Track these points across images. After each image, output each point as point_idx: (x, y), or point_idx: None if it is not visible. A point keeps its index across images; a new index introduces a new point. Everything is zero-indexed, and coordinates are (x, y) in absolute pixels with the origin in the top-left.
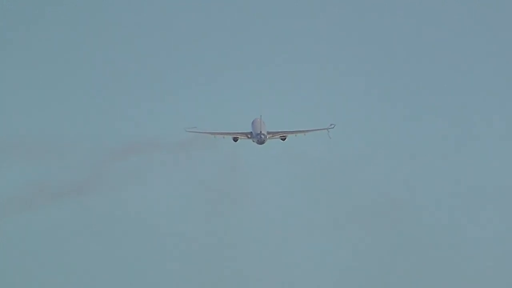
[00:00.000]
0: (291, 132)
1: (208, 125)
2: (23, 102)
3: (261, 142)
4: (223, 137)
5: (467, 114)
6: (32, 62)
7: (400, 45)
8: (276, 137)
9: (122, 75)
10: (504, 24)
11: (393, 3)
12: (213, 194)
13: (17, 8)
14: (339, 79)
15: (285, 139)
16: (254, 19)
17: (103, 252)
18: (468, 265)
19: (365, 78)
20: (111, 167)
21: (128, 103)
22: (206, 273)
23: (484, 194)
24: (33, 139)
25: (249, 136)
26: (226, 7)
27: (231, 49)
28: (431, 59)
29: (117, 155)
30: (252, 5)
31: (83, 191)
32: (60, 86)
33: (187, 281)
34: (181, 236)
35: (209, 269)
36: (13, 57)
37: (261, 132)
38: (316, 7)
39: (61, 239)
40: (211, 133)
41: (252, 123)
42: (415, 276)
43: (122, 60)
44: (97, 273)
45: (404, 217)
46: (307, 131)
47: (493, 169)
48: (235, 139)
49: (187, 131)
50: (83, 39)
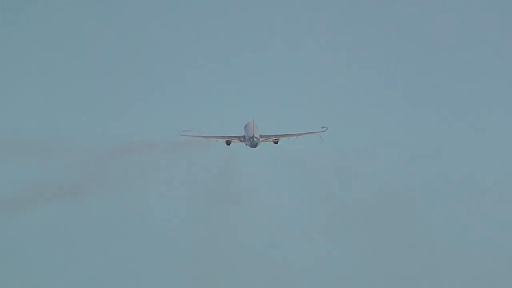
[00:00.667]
0: (283, 136)
1: (201, 128)
2: (21, 102)
3: (254, 146)
4: (216, 141)
5: (466, 113)
6: (30, 62)
7: (394, 49)
8: (269, 140)
9: (116, 77)
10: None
11: (386, 7)
12: (207, 196)
13: (14, 8)
14: (331, 82)
15: (277, 142)
16: (248, 23)
17: (99, 253)
18: (470, 263)
19: (358, 81)
20: (106, 169)
21: (122, 105)
22: (202, 275)
23: (485, 191)
24: (30, 139)
25: (242, 139)
26: (220, 11)
27: (224, 53)
28: (426, 61)
29: (110, 157)
30: (246, 10)
31: (78, 192)
32: (57, 87)
33: (184, 282)
34: (176, 237)
35: (205, 270)
36: (11, 57)
37: (254, 135)
38: (310, 12)
39: (57, 240)
40: (204, 136)
41: (245, 126)
42: (413, 278)
43: (118, 62)
44: (94, 274)
45: (400, 218)
46: (300, 134)
47: (495, 166)
48: (228, 143)
49: (180, 135)
50: (81, 40)
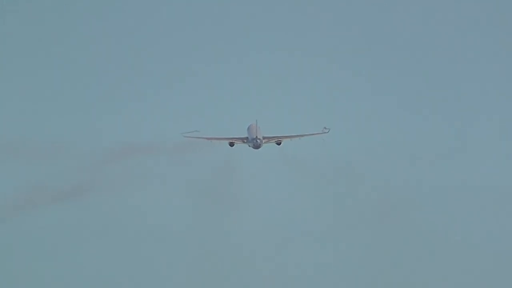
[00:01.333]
0: (286, 137)
1: (205, 130)
2: (19, 105)
3: (257, 147)
4: (219, 142)
5: (467, 114)
6: (29, 64)
7: (397, 50)
8: (272, 141)
9: (119, 78)
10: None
11: (390, 7)
12: (210, 198)
13: (13, 9)
14: (334, 83)
15: (280, 143)
16: (250, 25)
17: (99, 255)
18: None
19: (361, 83)
20: (108, 171)
21: (124, 107)
22: (204, 276)
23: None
24: (29, 141)
25: (245, 141)
26: (223, 12)
27: (227, 55)
28: (429, 62)
29: (113, 159)
30: (249, 11)
31: (79, 194)
32: (56, 89)
33: (186, 283)
34: (179, 239)
35: (207, 272)
36: (11, 59)
37: (257, 137)
38: (313, 13)
39: (57, 242)
40: (207, 138)
41: (248, 128)
42: (418, 279)
43: (121, 64)
44: (96, 276)
45: (404, 219)
46: (302, 135)
47: (497, 168)
48: (231, 144)
49: (184, 137)
50: (81, 42)
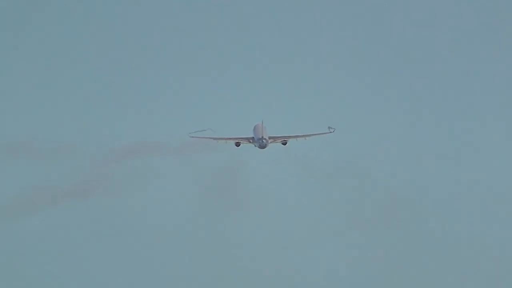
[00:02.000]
0: (292, 137)
1: (211, 130)
2: (24, 105)
3: (263, 147)
4: (225, 142)
5: (470, 114)
6: (34, 64)
7: (402, 49)
8: (278, 141)
9: (124, 78)
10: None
11: (395, 5)
12: (217, 197)
13: (13, 9)
14: (340, 83)
15: (286, 143)
16: (255, 24)
17: (104, 255)
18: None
19: (366, 82)
20: (113, 170)
21: (130, 107)
22: (210, 276)
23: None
24: (35, 141)
25: (251, 141)
26: (227, 12)
27: (232, 55)
28: (433, 60)
29: (119, 159)
30: (254, 10)
31: (85, 194)
32: (60, 88)
33: (190, 282)
34: (185, 238)
35: (212, 272)
36: (15, 59)
37: (262, 137)
38: (318, 12)
39: (62, 242)
40: (214, 138)
41: (254, 128)
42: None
43: (126, 63)
44: (98, 275)
45: (410, 217)
46: (308, 135)
47: (502, 166)
48: (237, 144)
49: (190, 137)
50: (84, 40)
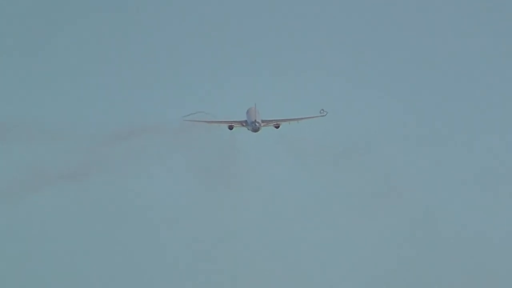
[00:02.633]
0: (284, 120)
1: (204, 114)
2: (21, 85)
3: (255, 130)
4: (219, 126)
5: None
6: (32, 45)
7: (396, 33)
8: (270, 125)
9: (118, 61)
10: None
11: None
12: (212, 180)
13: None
14: (332, 66)
15: (278, 127)
16: (249, 9)
17: (99, 238)
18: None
19: (359, 65)
20: (107, 153)
21: (124, 90)
22: (205, 262)
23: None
24: (31, 123)
25: (244, 124)
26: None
27: (226, 39)
28: (426, 48)
29: (111, 141)
30: None
31: (79, 177)
32: (56, 70)
33: (187, 269)
34: (180, 223)
35: (209, 257)
36: (13, 41)
37: (255, 120)
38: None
39: (57, 225)
40: (207, 121)
41: (247, 112)
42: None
43: (120, 46)
44: (95, 259)
45: (406, 202)
46: (301, 119)
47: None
48: (230, 127)
49: (184, 120)
50: (84, 23)
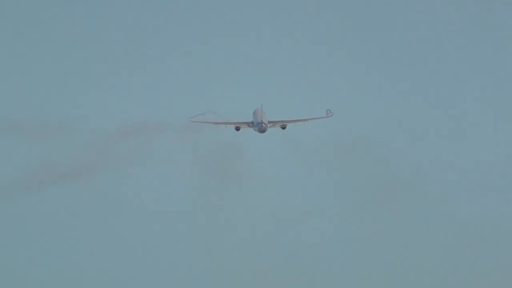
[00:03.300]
0: (291, 121)
1: (211, 114)
2: (26, 81)
3: (262, 131)
4: (225, 127)
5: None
6: (38, 40)
7: (401, 32)
8: (277, 126)
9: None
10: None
11: None
12: (218, 180)
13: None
14: (338, 67)
15: (285, 127)
16: (254, 9)
17: (105, 237)
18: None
19: (365, 65)
20: (114, 151)
21: (130, 87)
22: (210, 258)
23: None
24: (37, 119)
25: (250, 125)
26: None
27: (232, 40)
28: (431, 47)
29: (119, 139)
30: None
31: (85, 173)
32: (61, 66)
33: (193, 269)
34: (186, 220)
35: (213, 253)
36: (19, 36)
37: (262, 121)
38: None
39: (64, 224)
40: (214, 122)
41: (254, 113)
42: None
43: (129, 45)
44: (99, 256)
45: (413, 199)
46: (307, 119)
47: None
48: (237, 128)
49: (191, 121)
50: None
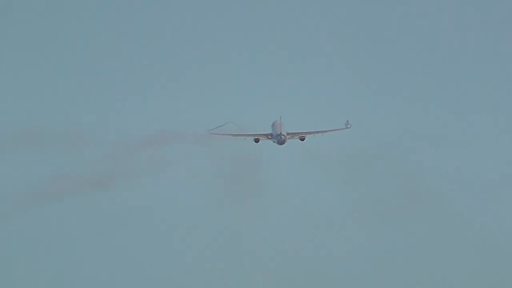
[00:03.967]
0: (309, 133)
1: (231, 127)
2: (44, 92)
3: (281, 143)
4: (245, 139)
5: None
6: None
7: (415, 44)
8: (296, 137)
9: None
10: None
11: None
12: (238, 189)
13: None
14: (356, 79)
15: (304, 139)
16: (273, 21)
17: (124, 244)
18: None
19: (382, 78)
20: (132, 161)
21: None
22: (228, 266)
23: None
24: (55, 129)
25: (269, 137)
26: (245, 8)
27: (251, 53)
28: (444, 57)
29: (137, 149)
30: (271, 7)
31: (103, 183)
32: (86, 79)
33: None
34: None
35: (231, 262)
36: (34, 45)
37: (281, 133)
38: (332, 9)
39: (83, 231)
40: (233, 135)
41: (273, 125)
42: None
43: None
44: (121, 262)
45: (429, 207)
46: (325, 131)
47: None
48: (256, 140)
49: (210, 134)
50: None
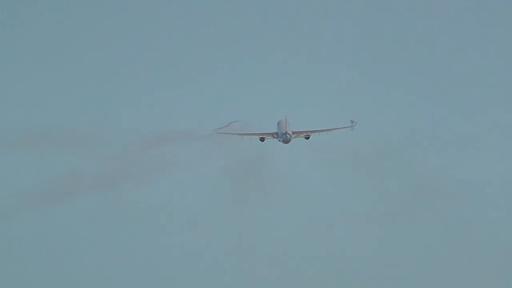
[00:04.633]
0: (314, 131)
1: (236, 126)
2: (53, 91)
3: (286, 142)
4: (250, 138)
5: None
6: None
7: (422, 43)
8: (301, 136)
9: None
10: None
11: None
12: (244, 188)
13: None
14: (361, 77)
15: (309, 138)
16: (277, 20)
17: (129, 245)
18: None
19: (387, 76)
20: (138, 160)
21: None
22: (235, 265)
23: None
24: (61, 129)
25: (275, 136)
26: (252, 10)
27: (256, 52)
28: (452, 55)
29: (143, 148)
30: (276, 5)
31: (109, 182)
32: (91, 77)
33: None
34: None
35: (238, 261)
36: (44, 45)
37: (286, 132)
38: (338, 7)
39: (88, 232)
40: (239, 134)
41: (278, 123)
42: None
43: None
44: (129, 262)
45: (437, 207)
46: (330, 130)
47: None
48: (262, 139)
49: (217, 133)
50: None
